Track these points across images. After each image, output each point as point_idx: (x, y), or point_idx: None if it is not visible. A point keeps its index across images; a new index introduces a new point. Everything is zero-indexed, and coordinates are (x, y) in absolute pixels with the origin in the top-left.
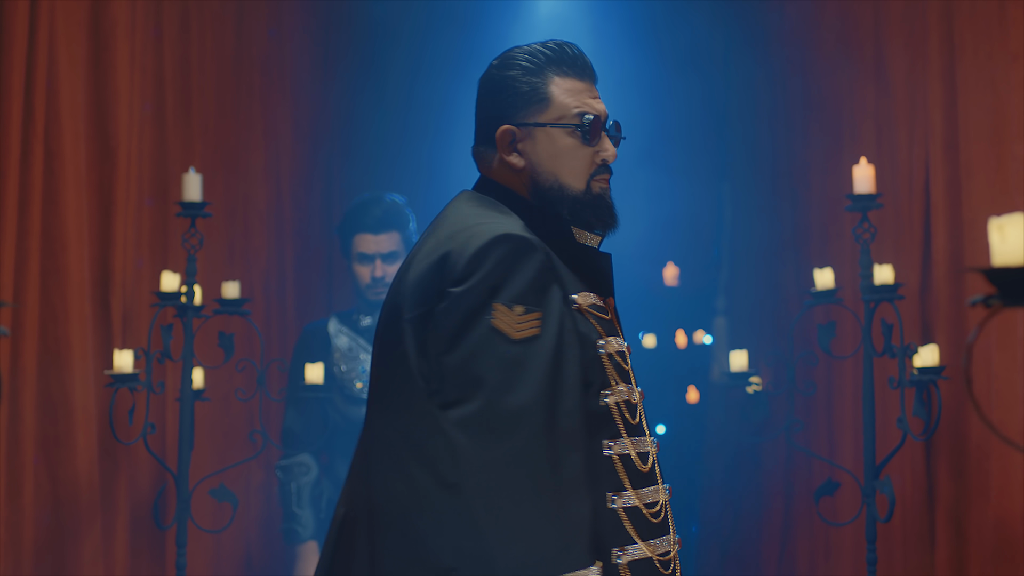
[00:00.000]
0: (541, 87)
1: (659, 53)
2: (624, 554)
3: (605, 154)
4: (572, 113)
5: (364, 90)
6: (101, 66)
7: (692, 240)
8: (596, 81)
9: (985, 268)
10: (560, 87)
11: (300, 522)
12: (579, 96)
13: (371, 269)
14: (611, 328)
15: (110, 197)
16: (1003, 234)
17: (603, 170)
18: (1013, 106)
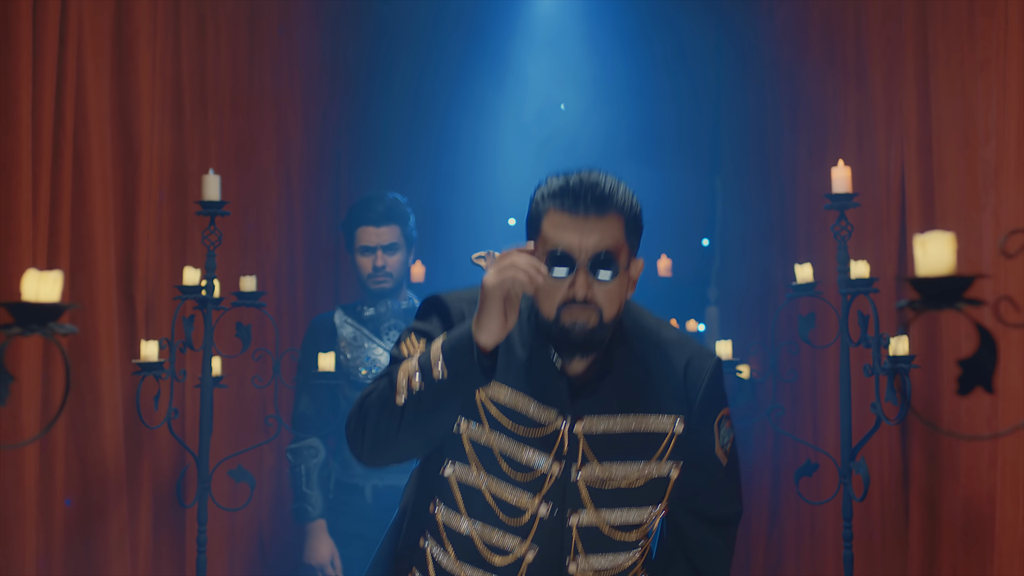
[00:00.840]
0: (539, 217)
1: (652, 53)
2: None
3: (573, 290)
4: (548, 248)
5: (372, 89)
6: (124, 73)
7: (684, 233)
8: (604, 212)
9: (911, 277)
10: (551, 220)
11: (310, 501)
12: (561, 231)
13: (372, 259)
14: (511, 419)
15: (134, 196)
16: (925, 249)
17: (573, 303)
18: (981, 111)
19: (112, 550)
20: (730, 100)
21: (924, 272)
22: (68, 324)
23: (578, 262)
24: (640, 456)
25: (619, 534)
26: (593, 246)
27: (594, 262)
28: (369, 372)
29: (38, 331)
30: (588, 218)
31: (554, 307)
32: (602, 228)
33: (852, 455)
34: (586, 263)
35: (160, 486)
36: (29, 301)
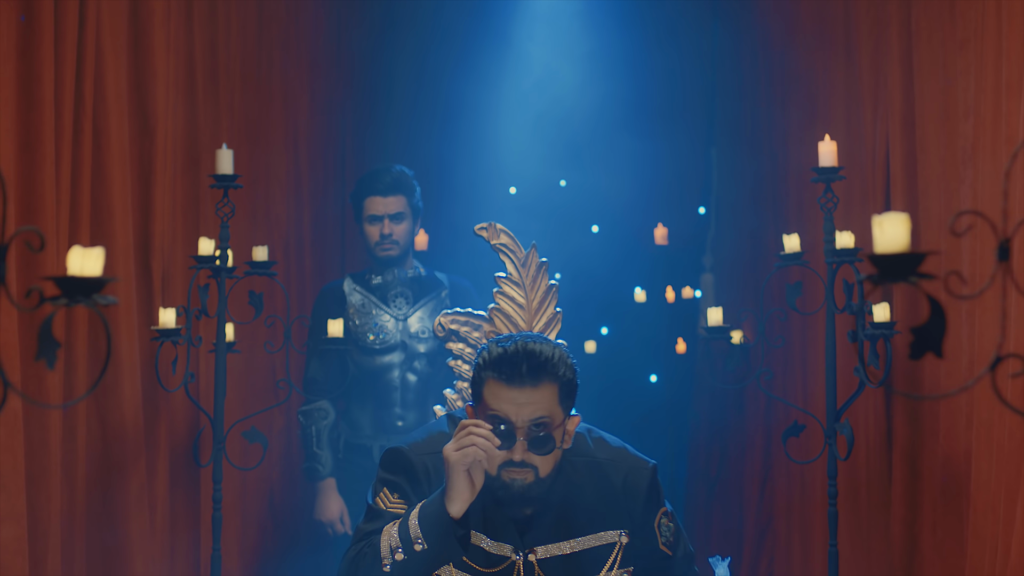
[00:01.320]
0: (480, 384)
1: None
2: None
3: (510, 453)
4: (487, 414)
5: (376, 65)
6: (140, 51)
7: (680, 202)
8: (539, 381)
9: (870, 254)
10: (489, 389)
11: (320, 461)
12: (499, 401)
13: (380, 228)
14: (470, 557)
15: (150, 170)
16: (883, 228)
17: (511, 464)
18: (960, 89)
19: (131, 507)
20: (724, 74)
21: (881, 249)
22: (109, 296)
23: (516, 425)
24: (592, 570)
25: None
26: (528, 415)
27: (530, 431)
28: (376, 337)
29: (83, 302)
30: (523, 389)
31: (495, 467)
32: (536, 398)
33: (837, 417)
34: (523, 428)
35: (176, 446)
36: (75, 275)
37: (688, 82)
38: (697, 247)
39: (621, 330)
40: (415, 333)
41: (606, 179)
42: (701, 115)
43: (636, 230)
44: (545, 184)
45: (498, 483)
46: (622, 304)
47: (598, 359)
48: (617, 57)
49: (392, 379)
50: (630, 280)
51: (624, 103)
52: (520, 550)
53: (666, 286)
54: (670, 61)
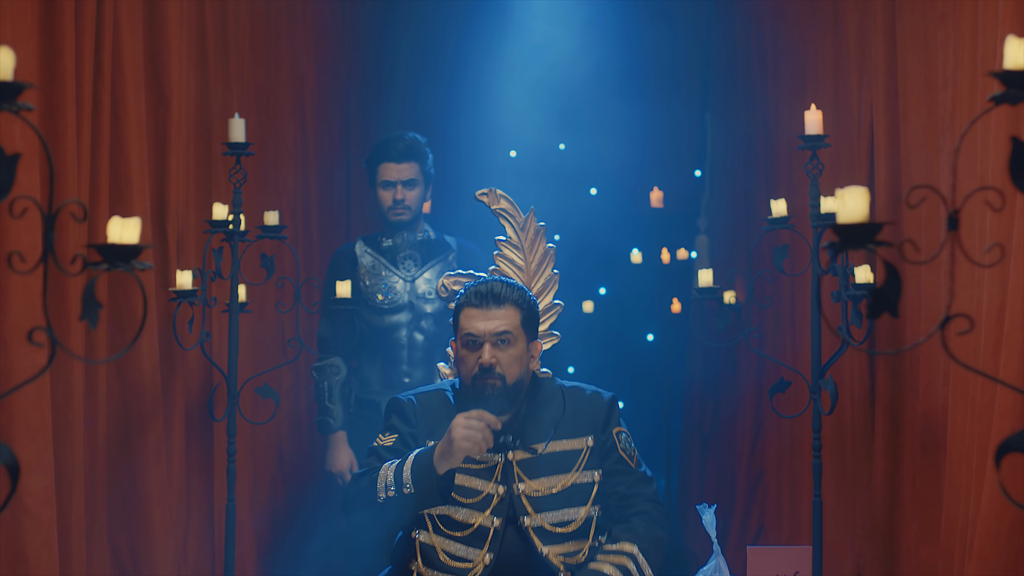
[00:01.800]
0: (458, 314)
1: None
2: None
3: (482, 359)
4: (463, 333)
5: (379, 33)
6: (155, 24)
7: (675, 165)
8: (501, 304)
9: (833, 224)
10: (465, 315)
11: (332, 415)
12: (471, 321)
13: (393, 193)
14: (465, 473)
15: (165, 138)
16: (844, 201)
17: (482, 371)
18: (940, 60)
19: (149, 460)
20: (718, 42)
21: (843, 220)
22: (145, 261)
23: (483, 340)
24: (562, 470)
25: (559, 529)
26: (493, 328)
27: (495, 338)
28: (385, 297)
29: (122, 267)
30: (490, 310)
31: (469, 375)
32: (500, 316)
33: (821, 373)
34: (489, 339)
35: (191, 402)
36: (115, 243)
37: (683, 50)
38: (692, 210)
39: (619, 290)
40: (422, 294)
41: (604, 143)
42: (696, 81)
43: (633, 193)
44: (544, 147)
45: (473, 390)
46: (619, 265)
47: (596, 318)
48: (613, 25)
49: (400, 338)
50: (627, 242)
51: (621, 69)
52: (502, 450)
53: (662, 248)
54: (665, 29)
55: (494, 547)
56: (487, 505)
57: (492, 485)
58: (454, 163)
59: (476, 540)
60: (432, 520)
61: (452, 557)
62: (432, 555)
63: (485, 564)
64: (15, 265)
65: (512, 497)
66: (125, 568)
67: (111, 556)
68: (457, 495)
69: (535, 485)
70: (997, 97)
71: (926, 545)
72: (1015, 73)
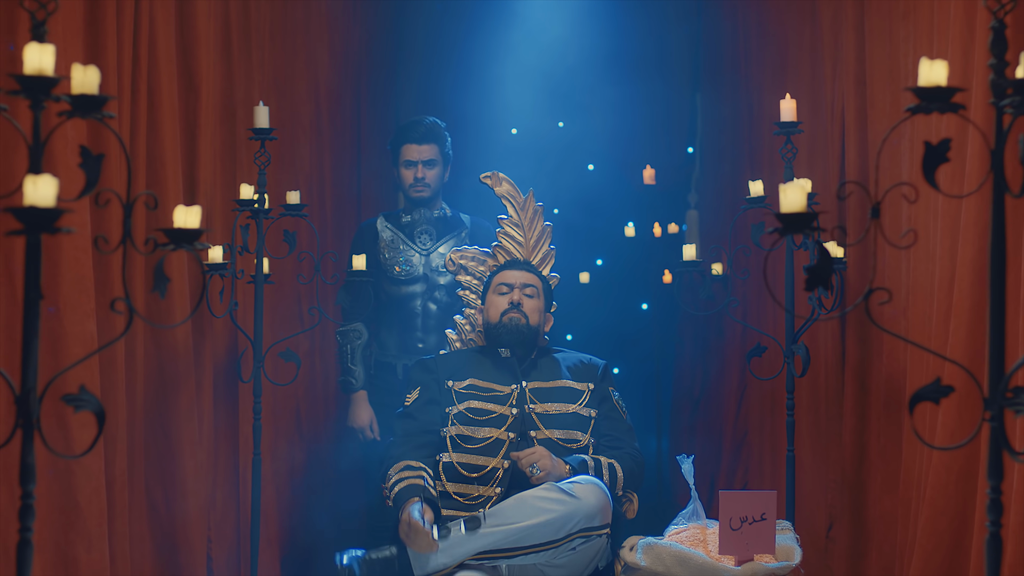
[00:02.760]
0: (490, 281)
1: None
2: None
3: (511, 297)
4: (498, 283)
5: (388, 21)
6: (186, 19)
7: (668, 145)
8: (531, 270)
9: (777, 213)
10: (501, 276)
11: (354, 375)
12: (505, 275)
13: (414, 172)
14: (484, 398)
15: (195, 124)
16: (786, 194)
17: (510, 308)
18: (902, 53)
19: (182, 418)
20: (707, 29)
21: (785, 209)
22: (203, 243)
23: (515, 286)
24: (568, 401)
25: (563, 445)
26: (523, 281)
27: (523, 287)
28: (402, 269)
29: (185, 248)
30: (520, 271)
31: (499, 313)
32: (528, 277)
33: (794, 339)
34: (519, 286)
35: (218, 366)
36: (179, 227)
37: (674, 37)
38: (683, 186)
39: (614, 261)
40: (436, 267)
41: (600, 122)
42: (687, 66)
43: (628, 170)
44: (545, 126)
45: (501, 324)
46: (615, 237)
47: (592, 288)
48: (611, 13)
49: (415, 307)
50: (622, 215)
51: (616, 54)
52: (519, 380)
53: (654, 222)
54: (659, 17)
55: (509, 456)
56: (503, 423)
57: (507, 408)
58: (460, 140)
59: (493, 450)
60: (453, 441)
61: (472, 468)
62: (454, 471)
63: (504, 468)
64: (100, 246)
65: (524, 415)
66: (160, 515)
67: (147, 504)
68: (475, 416)
69: (545, 407)
70: (912, 108)
71: (888, 495)
72: (927, 89)
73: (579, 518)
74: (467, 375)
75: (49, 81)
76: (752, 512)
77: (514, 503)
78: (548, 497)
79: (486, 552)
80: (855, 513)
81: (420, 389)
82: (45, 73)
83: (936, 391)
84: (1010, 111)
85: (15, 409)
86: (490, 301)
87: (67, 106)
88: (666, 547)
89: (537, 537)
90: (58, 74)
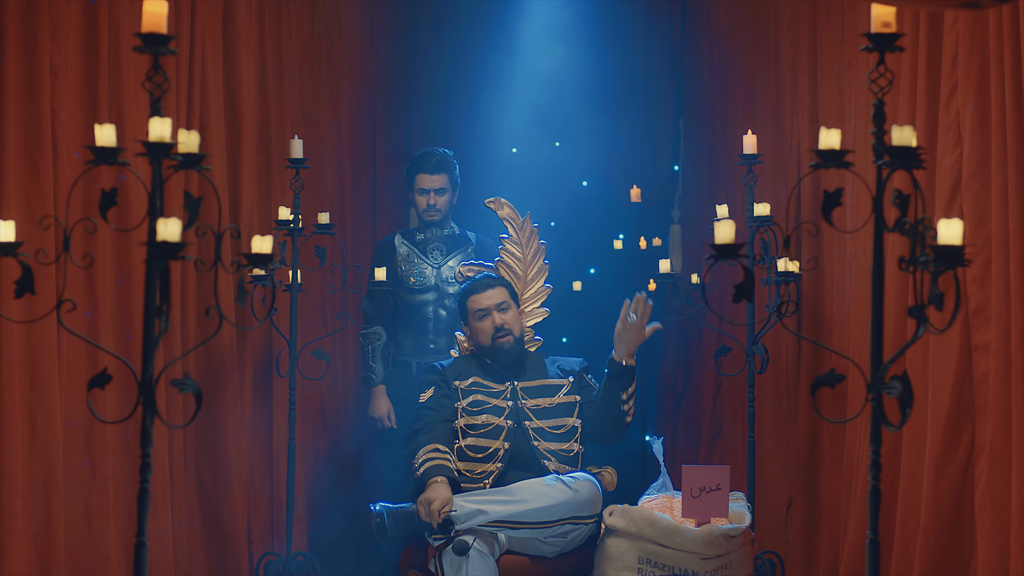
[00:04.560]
0: (464, 307)
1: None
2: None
3: (495, 323)
4: (475, 309)
5: (401, 58)
6: (230, 64)
7: (653, 166)
8: (493, 287)
9: (713, 244)
10: (472, 302)
11: (374, 372)
12: (477, 304)
13: (427, 199)
14: (484, 393)
15: (238, 153)
16: (719, 228)
17: (498, 332)
18: (847, 97)
19: (228, 408)
20: (689, 63)
21: (718, 241)
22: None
23: (490, 309)
24: (552, 395)
25: (554, 431)
26: (495, 301)
27: (497, 306)
28: (416, 280)
29: (261, 267)
30: (486, 291)
31: (489, 338)
32: (496, 294)
33: (755, 340)
34: (493, 308)
35: (257, 363)
36: (257, 252)
37: (661, 68)
38: (667, 203)
39: (605, 270)
40: (446, 278)
41: (593, 144)
42: (671, 96)
43: (617, 187)
44: (542, 145)
45: (494, 347)
46: (606, 248)
47: (586, 295)
48: (604, 49)
49: (427, 312)
50: (613, 229)
51: (609, 82)
52: (511, 380)
53: (639, 236)
54: (645, 51)
55: (508, 439)
56: (501, 413)
57: (503, 401)
58: (466, 157)
59: (494, 435)
60: (462, 430)
61: (478, 450)
62: (463, 453)
63: (505, 448)
64: (198, 267)
65: (518, 408)
66: (208, 492)
67: (197, 481)
68: (478, 407)
69: (536, 401)
70: (814, 165)
71: (836, 475)
72: (824, 151)
73: (573, 506)
74: (470, 375)
75: (168, 146)
76: (709, 483)
77: (524, 485)
78: (552, 487)
79: (493, 522)
80: (808, 492)
81: (433, 388)
82: (164, 140)
83: (831, 379)
84: (887, 167)
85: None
86: (475, 328)
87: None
88: (639, 512)
89: (536, 516)
90: (130, 121)
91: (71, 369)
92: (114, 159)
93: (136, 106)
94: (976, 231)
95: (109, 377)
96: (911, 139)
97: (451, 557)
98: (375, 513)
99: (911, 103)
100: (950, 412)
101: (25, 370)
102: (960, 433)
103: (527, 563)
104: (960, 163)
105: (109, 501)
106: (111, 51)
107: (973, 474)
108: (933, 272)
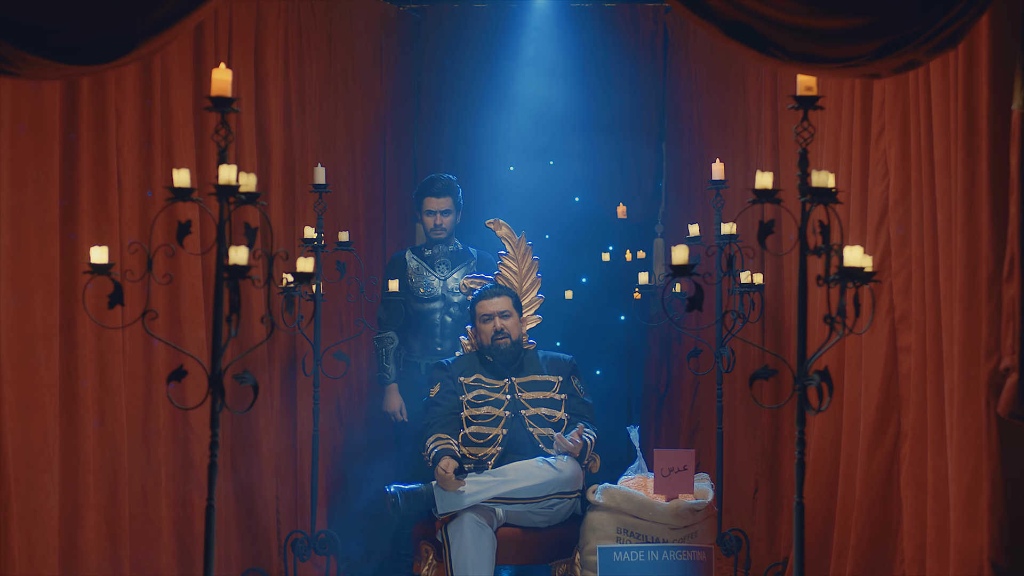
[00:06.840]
0: (473, 310)
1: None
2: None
3: (496, 326)
4: (481, 314)
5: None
6: (261, 99)
7: (638, 185)
8: (500, 295)
9: (672, 264)
10: (479, 307)
11: (387, 372)
12: (484, 307)
13: (434, 219)
14: (486, 388)
15: (268, 178)
16: (675, 252)
17: (497, 334)
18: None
19: (259, 403)
20: (670, 92)
21: (675, 262)
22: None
23: (494, 315)
24: (545, 389)
25: (547, 419)
26: (499, 308)
27: (500, 312)
28: (425, 291)
29: (305, 284)
30: (493, 299)
31: (489, 338)
32: (501, 302)
33: (723, 343)
34: (497, 314)
35: (283, 365)
36: (302, 271)
37: (645, 99)
38: (651, 219)
39: (595, 280)
40: (451, 289)
41: (585, 164)
42: (655, 121)
43: (605, 204)
44: (538, 164)
45: (493, 347)
46: (596, 260)
47: (577, 303)
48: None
49: (434, 319)
50: (602, 242)
51: (598, 110)
52: (509, 376)
53: (626, 250)
54: (632, 79)
55: (506, 427)
56: (500, 405)
57: (502, 394)
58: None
59: (495, 423)
60: (466, 419)
61: (480, 436)
62: (467, 440)
63: (504, 435)
64: (255, 284)
65: (515, 400)
66: (241, 478)
67: (231, 470)
68: (481, 400)
69: (532, 395)
70: (752, 200)
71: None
72: (759, 190)
73: (558, 483)
74: (473, 372)
75: (234, 188)
76: (677, 465)
77: (517, 466)
78: (540, 467)
79: (491, 498)
80: (772, 477)
81: (440, 384)
82: (231, 183)
83: (765, 373)
84: (809, 203)
85: (207, 382)
86: (479, 329)
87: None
88: (618, 489)
89: (526, 493)
90: (179, 156)
91: (131, 368)
92: (187, 196)
93: (183, 141)
94: (900, 250)
95: (185, 372)
96: (828, 180)
97: (455, 528)
98: (390, 494)
99: (849, 141)
100: (879, 403)
101: (96, 368)
102: (888, 421)
103: (521, 534)
104: (887, 192)
105: (161, 482)
106: (163, 94)
107: (899, 456)
108: (840, 287)
